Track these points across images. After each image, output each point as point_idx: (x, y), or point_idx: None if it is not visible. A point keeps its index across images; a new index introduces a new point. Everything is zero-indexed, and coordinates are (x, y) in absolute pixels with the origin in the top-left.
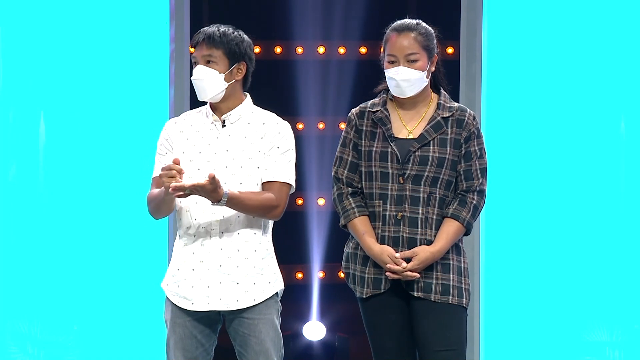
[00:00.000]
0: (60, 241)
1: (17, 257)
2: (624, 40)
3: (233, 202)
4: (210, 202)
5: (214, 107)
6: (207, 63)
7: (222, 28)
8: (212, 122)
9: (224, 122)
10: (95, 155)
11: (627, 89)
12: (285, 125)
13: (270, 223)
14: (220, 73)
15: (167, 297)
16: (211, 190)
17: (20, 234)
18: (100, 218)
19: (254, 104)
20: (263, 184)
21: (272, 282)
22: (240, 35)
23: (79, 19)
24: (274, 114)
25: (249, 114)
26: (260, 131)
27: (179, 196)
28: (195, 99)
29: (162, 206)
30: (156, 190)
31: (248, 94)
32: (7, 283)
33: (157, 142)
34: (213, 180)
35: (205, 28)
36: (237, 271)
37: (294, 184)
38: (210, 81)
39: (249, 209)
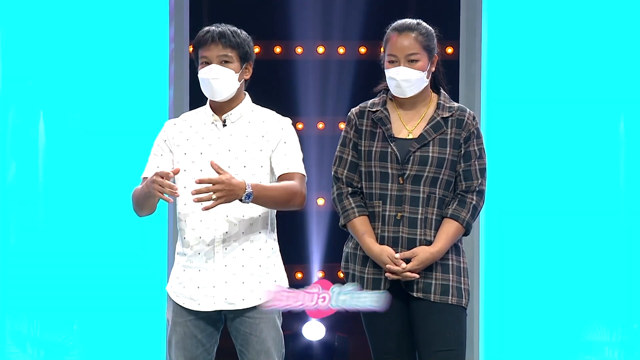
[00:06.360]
0: (59, 241)
1: (17, 257)
2: (624, 40)
3: (259, 192)
4: (237, 202)
5: (215, 107)
6: (222, 63)
7: (231, 27)
8: (213, 122)
9: (224, 121)
10: (94, 156)
11: (627, 89)
12: (287, 121)
13: (275, 221)
14: (235, 73)
15: (169, 297)
16: (228, 182)
17: (20, 233)
18: (99, 218)
19: (254, 103)
20: (278, 177)
21: (277, 280)
22: (247, 35)
23: (78, 19)
24: (274, 112)
25: (249, 112)
26: (261, 129)
27: (206, 208)
28: (195, 99)
29: (145, 205)
30: (140, 187)
31: (247, 93)
32: (7, 283)
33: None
34: (219, 168)
35: (211, 28)
36: (242, 270)
37: (306, 176)
38: (227, 81)
39: (275, 197)
